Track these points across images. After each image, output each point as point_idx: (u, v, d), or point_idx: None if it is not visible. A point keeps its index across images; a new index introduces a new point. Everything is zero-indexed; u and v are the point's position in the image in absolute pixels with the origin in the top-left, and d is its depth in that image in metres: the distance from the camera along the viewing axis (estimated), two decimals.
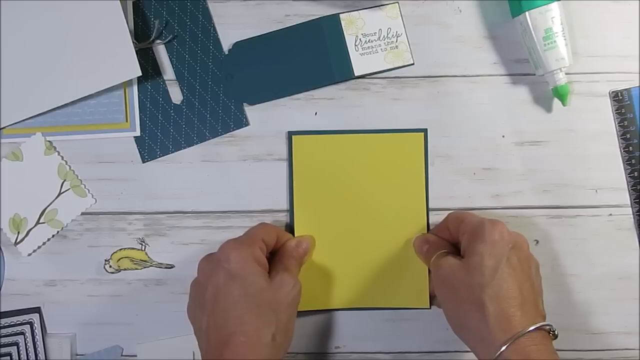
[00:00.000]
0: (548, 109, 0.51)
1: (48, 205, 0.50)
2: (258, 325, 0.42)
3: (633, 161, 0.50)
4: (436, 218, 0.51)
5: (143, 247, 0.51)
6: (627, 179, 0.51)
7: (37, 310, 0.51)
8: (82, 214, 0.51)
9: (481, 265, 0.42)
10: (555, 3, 0.47)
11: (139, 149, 0.51)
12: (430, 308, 0.51)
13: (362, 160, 0.50)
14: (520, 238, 0.45)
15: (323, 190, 0.50)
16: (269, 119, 0.51)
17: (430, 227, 0.51)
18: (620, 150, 0.51)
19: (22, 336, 0.51)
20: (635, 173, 0.50)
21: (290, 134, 0.50)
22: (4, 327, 0.50)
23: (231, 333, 0.42)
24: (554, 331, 0.42)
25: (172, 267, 0.51)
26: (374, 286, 0.51)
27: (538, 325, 0.41)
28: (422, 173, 0.50)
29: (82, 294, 0.51)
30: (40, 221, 0.50)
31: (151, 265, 0.51)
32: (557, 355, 0.41)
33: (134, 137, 0.51)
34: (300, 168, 0.50)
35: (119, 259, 0.51)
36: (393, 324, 0.51)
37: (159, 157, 0.51)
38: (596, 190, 0.51)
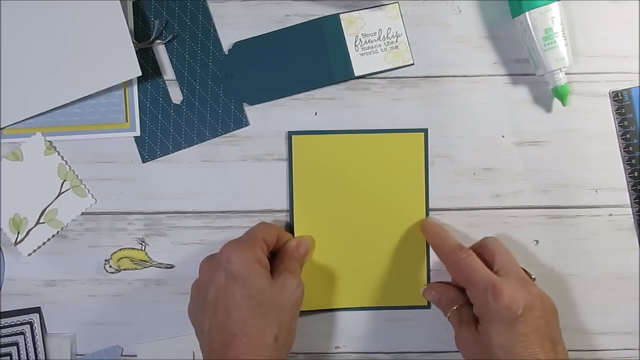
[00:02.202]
0: (548, 109, 0.51)
1: (48, 205, 0.50)
2: (261, 327, 0.42)
3: (633, 161, 0.50)
4: (436, 218, 0.51)
5: (143, 247, 0.51)
6: (627, 179, 0.51)
7: (37, 310, 0.51)
8: (82, 214, 0.51)
9: (492, 344, 0.42)
10: (555, 3, 0.47)
11: (139, 149, 0.51)
12: (429, 307, 0.51)
13: (362, 160, 0.50)
14: (526, 297, 0.43)
15: (323, 190, 0.50)
16: (269, 119, 0.51)
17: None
18: (620, 150, 0.51)
19: (22, 336, 0.51)
20: (635, 173, 0.50)
21: (290, 134, 0.50)
22: (4, 327, 0.50)
23: (233, 334, 0.42)
24: None
25: (172, 267, 0.51)
26: (373, 286, 0.51)
27: None
28: (422, 173, 0.50)
29: (82, 294, 0.51)
30: (40, 221, 0.50)
31: (151, 265, 0.51)
32: None
33: (134, 137, 0.51)
34: (300, 168, 0.50)
35: (119, 259, 0.51)
36: (393, 324, 0.51)
37: (159, 157, 0.51)
38: (596, 190, 0.51)
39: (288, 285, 0.45)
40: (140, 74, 0.48)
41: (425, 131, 0.51)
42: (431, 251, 0.50)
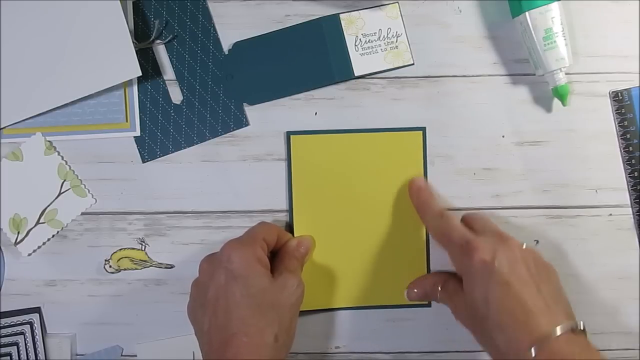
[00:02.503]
0: (548, 109, 0.51)
1: (48, 205, 0.50)
2: (261, 326, 0.42)
3: (633, 161, 0.50)
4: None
5: (143, 247, 0.51)
6: (627, 179, 0.51)
7: (37, 310, 0.51)
8: (82, 214, 0.51)
9: (475, 300, 0.42)
10: (555, 3, 0.47)
11: (139, 149, 0.51)
12: (430, 305, 0.51)
13: (361, 160, 0.50)
14: (500, 248, 0.43)
15: (322, 190, 0.50)
16: (269, 119, 0.51)
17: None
18: (620, 150, 0.51)
19: (22, 336, 0.51)
20: (635, 173, 0.50)
21: (289, 134, 0.50)
22: (4, 327, 0.50)
23: (233, 334, 0.42)
24: (576, 328, 0.40)
25: (172, 267, 0.51)
26: (374, 285, 0.51)
27: (555, 332, 0.39)
28: (421, 172, 0.50)
29: (82, 294, 0.51)
30: (40, 221, 0.50)
31: (151, 265, 0.51)
32: (592, 353, 0.39)
33: (134, 137, 0.51)
34: (299, 168, 0.50)
35: (119, 259, 0.51)
36: (393, 324, 0.51)
37: (159, 157, 0.51)
38: (596, 190, 0.51)
39: (288, 285, 0.45)
40: (140, 74, 0.48)
41: (423, 129, 0.51)
42: (431, 251, 0.50)
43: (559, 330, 0.39)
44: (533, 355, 0.38)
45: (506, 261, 0.42)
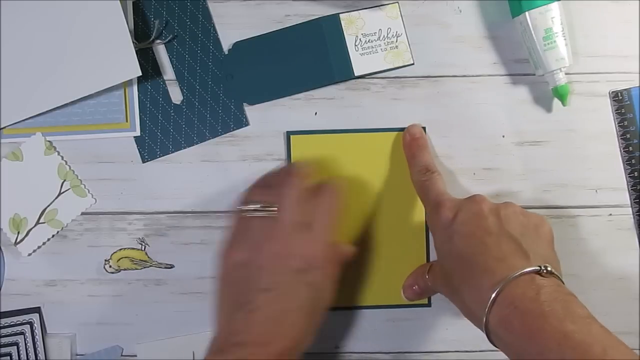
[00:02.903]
0: (548, 109, 0.51)
1: (48, 205, 0.50)
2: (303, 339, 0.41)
3: (633, 161, 0.50)
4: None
5: (143, 247, 0.51)
6: (627, 179, 0.51)
7: (37, 310, 0.51)
8: (82, 214, 0.51)
9: (441, 259, 0.42)
10: (555, 3, 0.47)
11: (139, 149, 0.51)
12: (430, 305, 0.51)
13: (361, 160, 0.50)
14: (465, 203, 0.42)
15: None
16: (269, 119, 0.51)
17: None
18: (620, 150, 0.51)
19: (22, 336, 0.51)
20: (635, 173, 0.50)
21: (289, 134, 0.50)
22: (4, 327, 0.50)
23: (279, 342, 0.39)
24: (545, 270, 0.37)
25: (172, 267, 0.51)
26: (374, 284, 0.51)
27: (513, 274, 0.36)
28: None
29: (82, 294, 0.51)
30: (40, 221, 0.50)
31: (151, 265, 0.51)
32: (560, 290, 0.36)
33: (134, 137, 0.51)
34: None
35: (119, 259, 0.51)
36: (393, 324, 0.51)
37: (159, 157, 0.51)
38: (596, 190, 0.51)
39: (327, 287, 0.43)
40: (140, 74, 0.48)
41: (423, 129, 0.50)
42: (431, 251, 0.50)
43: (518, 273, 0.36)
44: (491, 297, 0.36)
45: (469, 214, 0.41)
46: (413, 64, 0.51)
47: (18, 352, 0.50)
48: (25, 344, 0.50)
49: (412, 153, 0.49)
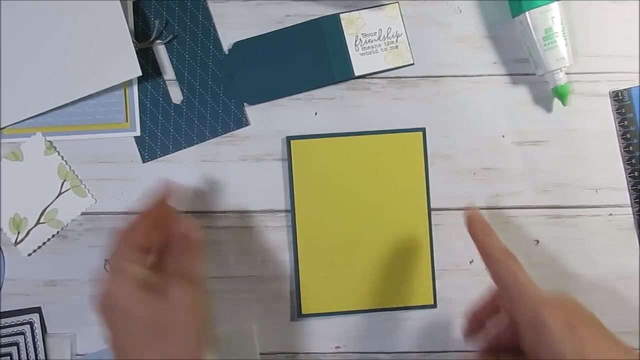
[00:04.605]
0: (548, 109, 0.51)
1: (48, 205, 0.50)
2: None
3: (633, 161, 0.50)
4: (437, 218, 0.51)
5: None
6: (627, 179, 0.51)
7: (37, 310, 0.51)
8: (82, 214, 0.51)
9: None
10: (555, 3, 0.47)
11: (139, 149, 0.51)
12: (436, 306, 0.51)
13: (362, 162, 0.50)
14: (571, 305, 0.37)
15: (324, 193, 0.50)
16: (269, 119, 0.51)
17: (433, 226, 0.50)
18: (620, 150, 0.51)
19: (22, 336, 0.51)
20: (635, 173, 0.50)
21: (289, 139, 0.50)
22: (4, 327, 0.50)
23: None
24: None
25: None
26: (378, 287, 0.51)
27: None
28: (422, 172, 0.50)
29: (82, 294, 0.51)
30: (41, 221, 0.50)
31: None
32: None
33: (134, 137, 0.51)
34: (300, 172, 0.50)
35: None
36: (393, 324, 0.51)
37: (159, 157, 0.51)
38: (596, 190, 0.51)
39: (176, 300, 0.37)
40: (140, 74, 0.48)
41: (423, 130, 0.50)
42: (435, 251, 0.50)
43: None
44: None
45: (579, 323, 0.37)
46: (413, 64, 0.51)
47: (18, 352, 0.50)
48: (26, 344, 0.50)
49: (485, 230, 0.40)
